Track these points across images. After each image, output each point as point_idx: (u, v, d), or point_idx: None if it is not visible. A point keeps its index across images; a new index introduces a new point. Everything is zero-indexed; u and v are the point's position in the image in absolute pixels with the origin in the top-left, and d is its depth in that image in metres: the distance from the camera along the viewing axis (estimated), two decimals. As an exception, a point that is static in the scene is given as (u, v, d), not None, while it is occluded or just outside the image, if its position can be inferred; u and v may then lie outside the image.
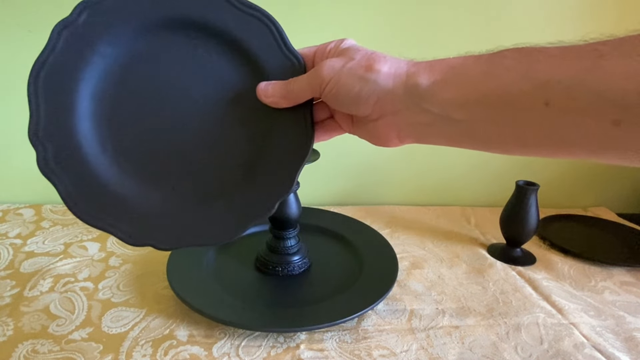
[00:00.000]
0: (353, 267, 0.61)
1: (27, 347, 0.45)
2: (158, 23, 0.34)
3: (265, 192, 0.35)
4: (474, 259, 0.69)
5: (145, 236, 0.33)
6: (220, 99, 0.35)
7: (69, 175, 0.33)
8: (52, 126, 0.33)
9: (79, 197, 0.33)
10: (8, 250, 0.63)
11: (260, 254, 0.61)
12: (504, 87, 0.26)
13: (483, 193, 0.91)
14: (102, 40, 0.33)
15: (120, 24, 0.33)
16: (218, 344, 0.47)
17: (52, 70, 0.32)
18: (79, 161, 0.33)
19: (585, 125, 0.24)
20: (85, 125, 0.33)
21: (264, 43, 0.35)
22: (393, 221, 0.81)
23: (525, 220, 0.66)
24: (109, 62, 0.34)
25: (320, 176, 0.84)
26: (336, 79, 0.31)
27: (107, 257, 0.63)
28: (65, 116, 0.33)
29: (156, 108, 0.35)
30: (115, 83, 0.34)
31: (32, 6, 0.69)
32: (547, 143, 0.26)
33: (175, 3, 0.34)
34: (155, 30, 0.34)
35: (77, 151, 0.33)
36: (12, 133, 0.76)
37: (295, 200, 0.58)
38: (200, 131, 0.35)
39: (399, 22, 0.77)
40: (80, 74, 0.33)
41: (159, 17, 0.34)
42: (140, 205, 0.34)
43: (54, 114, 0.32)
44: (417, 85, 0.29)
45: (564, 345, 0.49)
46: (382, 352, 0.47)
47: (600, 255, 0.70)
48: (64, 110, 0.33)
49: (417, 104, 0.29)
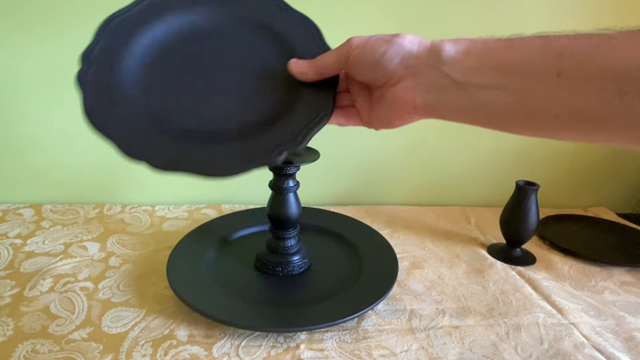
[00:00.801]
0: (353, 267, 0.61)
1: (27, 347, 0.45)
2: (220, 14, 0.42)
3: (277, 140, 0.35)
4: (474, 259, 0.69)
5: (144, 153, 0.34)
6: (258, 74, 0.40)
7: (98, 91, 0.36)
8: (102, 54, 0.38)
9: (99, 109, 0.36)
10: (8, 250, 0.63)
11: (260, 254, 0.61)
12: (521, 57, 0.28)
13: (483, 193, 0.91)
14: (171, 13, 0.41)
15: (189, 6, 0.41)
16: (218, 344, 0.47)
17: (122, 22, 0.39)
18: (112, 83, 0.37)
19: (591, 96, 0.25)
20: (130, 62, 0.38)
21: (304, 39, 0.41)
22: (393, 221, 0.81)
23: (525, 220, 0.66)
24: (169, 30, 0.40)
25: (320, 176, 0.84)
26: (362, 45, 0.34)
27: (107, 257, 0.63)
28: (117, 52, 0.38)
29: (198, 69, 0.40)
30: (168, 44, 0.40)
31: (32, 6, 0.69)
32: (554, 115, 0.27)
33: (239, 5, 0.42)
34: (216, 19, 0.42)
35: (114, 76, 0.37)
36: (12, 133, 0.76)
37: (295, 200, 0.58)
38: (232, 91, 0.39)
39: (401, 19, 0.77)
40: (143, 31, 0.40)
41: (222, 11, 0.42)
42: (152, 131, 0.36)
43: (109, 49, 0.38)
44: (440, 50, 0.31)
45: (564, 345, 0.49)
46: (382, 352, 0.47)
47: (600, 255, 0.70)
48: (118, 48, 0.38)
49: (437, 67, 0.30)
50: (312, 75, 0.37)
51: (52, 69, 0.72)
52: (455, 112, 0.31)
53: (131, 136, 0.34)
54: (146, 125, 0.36)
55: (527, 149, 0.89)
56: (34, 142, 0.77)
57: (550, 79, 0.26)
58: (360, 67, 0.34)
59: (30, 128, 0.76)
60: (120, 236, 0.69)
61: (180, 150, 0.35)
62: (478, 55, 0.29)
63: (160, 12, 0.41)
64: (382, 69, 0.33)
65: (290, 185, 0.56)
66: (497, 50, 0.29)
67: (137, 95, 0.37)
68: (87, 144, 0.78)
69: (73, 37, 0.71)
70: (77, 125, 0.76)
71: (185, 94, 0.38)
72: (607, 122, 0.25)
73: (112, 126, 0.35)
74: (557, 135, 0.29)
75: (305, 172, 0.58)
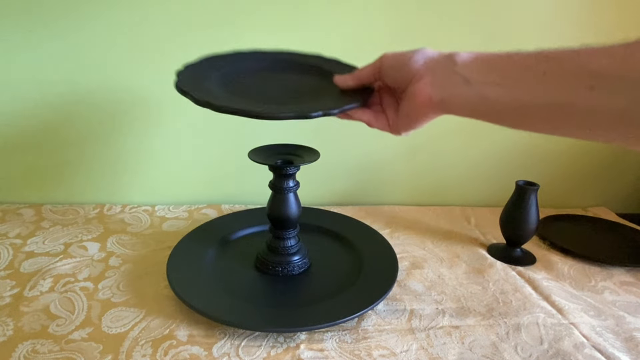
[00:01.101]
0: (353, 267, 0.61)
1: (27, 347, 0.45)
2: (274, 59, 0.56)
3: (318, 107, 0.44)
4: (474, 259, 0.69)
5: (208, 95, 0.44)
6: (309, 87, 0.51)
7: (192, 79, 0.48)
8: (190, 78, 0.48)
9: (187, 85, 0.46)
10: (8, 250, 0.63)
11: (260, 254, 0.61)
12: (516, 62, 0.35)
13: (483, 193, 0.91)
14: (230, 63, 0.54)
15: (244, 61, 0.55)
16: (218, 344, 0.47)
17: (193, 69, 0.51)
18: (201, 78, 0.49)
19: (568, 90, 0.31)
20: (213, 76, 0.50)
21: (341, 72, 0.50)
22: (393, 221, 0.81)
23: (525, 220, 0.66)
24: (244, 67, 0.54)
25: (320, 176, 0.84)
26: (393, 55, 0.43)
27: (107, 257, 0.63)
28: (200, 77, 0.49)
29: (262, 85, 0.51)
30: (242, 71, 0.53)
31: (32, 6, 0.69)
32: (539, 105, 0.34)
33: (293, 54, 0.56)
34: (271, 66, 0.55)
35: (201, 82, 0.48)
36: (12, 133, 0.76)
37: (295, 200, 0.58)
38: (289, 96, 0.49)
39: (399, 22, 0.77)
40: (226, 66, 0.53)
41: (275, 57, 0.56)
42: (225, 93, 0.47)
43: (194, 76, 0.49)
44: (454, 56, 0.39)
45: (564, 345, 0.49)
46: (382, 352, 0.47)
47: (600, 255, 0.70)
48: (200, 77, 0.49)
49: (451, 68, 0.38)
50: (352, 82, 0.47)
51: (52, 68, 0.72)
52: (463, 104, 0.38)
53: (208, 95, 0.45)
54: (222, 94, 0.47)
55: (527, 149, 0.89)
56: (34, 142, 0.77)
57: (538, 77, 0.33)
58: (391, 70, 0.43)
59: (31, 128, 0.76)
60: (120, 236, 0.69)
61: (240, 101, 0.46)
62: (484, 60, 0.37)
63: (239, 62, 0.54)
64: (409, 69, 0.41)
65: (290, 185, 0.56)
66: (498, 57, 0.36)
67: (216, 88, 0.48)
68: (88, 144, 0.78)
69: (73, 37, 0.71)
70: (77, 124, 0.77)
71: (252, 93, 0.49)
72: (580, 112, 0.31)
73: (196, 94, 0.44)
74: (542, 125, 0.35)
75: (305, 172, 0.58)
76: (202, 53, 0.53)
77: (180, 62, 0.51)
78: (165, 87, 0.75)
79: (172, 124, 0.79)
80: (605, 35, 0.82)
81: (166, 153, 0.81)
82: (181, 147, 0.80)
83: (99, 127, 0.77)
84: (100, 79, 0.74)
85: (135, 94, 0.76)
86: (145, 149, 0.80)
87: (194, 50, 0.51)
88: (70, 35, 0.71)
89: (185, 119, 0.78)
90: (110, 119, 0.77)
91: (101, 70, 0.73)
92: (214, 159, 0.82)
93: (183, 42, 0.73)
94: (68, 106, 0.75)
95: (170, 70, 0.49)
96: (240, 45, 0.57)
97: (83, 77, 0.74)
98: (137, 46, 0.73)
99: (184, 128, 0.79)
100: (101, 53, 0.72)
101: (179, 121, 0.78)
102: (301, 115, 0.42)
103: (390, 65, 0.43)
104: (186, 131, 0.79)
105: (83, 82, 0.74)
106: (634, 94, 0.28)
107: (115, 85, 0.75)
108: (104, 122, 0.77)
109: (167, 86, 0.75)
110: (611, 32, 0.82)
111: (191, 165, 0.82)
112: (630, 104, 0.28)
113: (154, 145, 0.80)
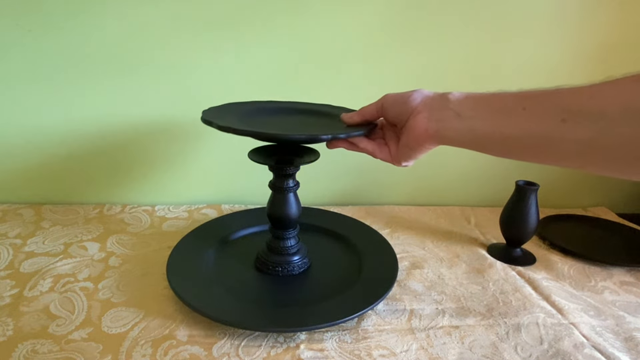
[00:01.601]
0: (353, 267, 0.61)
1: (27, 347, 0.45)
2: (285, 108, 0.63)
3: (325, 132, 0.49)
4: (474, 259, 0.69)
5: (229, 123, 0.49)
6: (314, 126, 0.56)
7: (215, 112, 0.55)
8: (213, 113, 0.54)
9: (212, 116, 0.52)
10: (8, 250, 0.63)
11: (260, 254, 0.61)
12: (500, 100, 0.41)
13: (483, 193, 0.91)
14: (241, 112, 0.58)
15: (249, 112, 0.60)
16: (218, 344, 0.47)
17: (216, 109, 0.57)
18: (223, 113, 0.55)
19: (544, 123, 0.37)
20: (233, 118, 0.54)
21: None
22: (393, 221, 0.81)
23: (525, 220, 0.66)
24: (249, 111, 0.59)
25: (320, 176, 0.84)
26: (394, 95, 0.49)
27: (107, 257, 0.63)
28: (221, 114, 0.55)
29: (276, 119, 0.58)
30: (252, 114, 0.58)
31: (32, 6, 0.69)
32: (518, 138, 0.39)
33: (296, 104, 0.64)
34: (285, 111, 0.62)
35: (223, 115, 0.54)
36: (12, 133, 0.76)
37: (295, 200, 0.58)
38: (295, 128, 0.55)
39: (395, 24, 0.77)
40: (234, 111, 0.58)
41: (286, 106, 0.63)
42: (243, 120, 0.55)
43: (216, 112, 0.55)
44: (448, 95, 0.44)
45: (564, 345, 0.49)
46: (382, 352, 0.47)
47: (600, 255, 0.70)
48: (222, 114, 0.55)
49: (445, 105, 0.44)
50: (357, 118, 0.52)
51: (52, 68, 0.72)
52: (455, 136, 0.43)
53: (229, 123, 0.49)
54: (242, 125, 0.51)
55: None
56: (34, 142, 0.77)
57: (518, 112, 0.38)
58: (392, 107, 0.48)
59: (31, 128, 0.76)
60: (120, 236, 0.69)
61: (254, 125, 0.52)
62: (473, 99, 0.43)
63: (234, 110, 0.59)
64: (407, 107, 0.46)
65: (290, 185, 0.56)
66: (485, 96, 0.42)
67: (236, 121, 0.53)
68: (88, 144, 0.78)
69: (71, 37, 0.71)
70: (76, 125, 0.77)
71: (268, 125, 0.55)
72: (554, 142, 0.36)
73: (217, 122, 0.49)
74: (522, 155, 0.40)
75: (305, 172, 0.58)
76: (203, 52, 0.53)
77: (180, 63, 0.50)
78: (165, 87, 0.75)
79: (171, 124, 0.79)
80: (605, 35, 0.82)
81: (166, 153, 0.81)
82: (181, 147, 0.80)
83: (99, 126, 0.77)
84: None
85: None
86: (145, 149, 0.80)
87: (194, 49, 0.51)
88: (68, 34, 0.71)
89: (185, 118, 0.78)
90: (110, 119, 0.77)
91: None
92: (214, 158, 0.82)
93: (183, 42, 0.73)
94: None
95: (170, 69, 0.49)
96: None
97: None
98: (137, 46, 0.73)
99: (183, 128, 0.79)
100: (101, 53, 0.72)
101: (178, 121, 0.78)
102: (312, 138, 0.48)
103: (391, 104, 0.48)
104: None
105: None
106: (599, 125, 0.33)
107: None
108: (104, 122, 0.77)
109: (167, 86, 0.75)
110: (611, 32, 0.82)
111: (191, 165, 0.82)
112: (596, 134, 0.33)
113: (153, 145, 0.80)
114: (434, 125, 0.44)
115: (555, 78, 0.82)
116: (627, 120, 0.32)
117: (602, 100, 0.33)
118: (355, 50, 0.77)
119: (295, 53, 0.76)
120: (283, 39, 0.75)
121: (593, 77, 0.34)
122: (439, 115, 0.44)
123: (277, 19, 0.74)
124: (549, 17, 0.80)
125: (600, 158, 0.34)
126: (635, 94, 0.32)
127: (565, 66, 0.83)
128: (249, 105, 0.61)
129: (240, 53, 0.75)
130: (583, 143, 0.34)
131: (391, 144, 0.51)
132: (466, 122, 0.42)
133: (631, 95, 0.32)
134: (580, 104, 0.35)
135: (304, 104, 0.63)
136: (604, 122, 0.33)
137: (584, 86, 0.35)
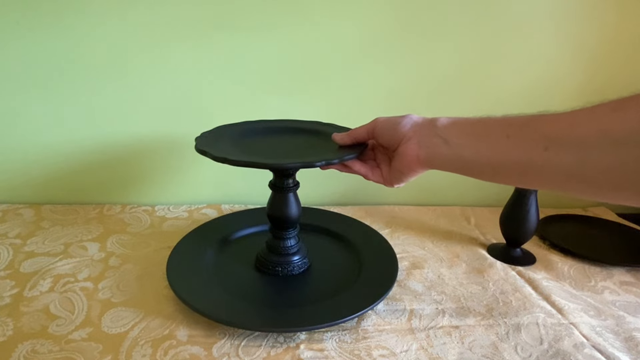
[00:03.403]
0: (353, 267, 0.61)
1: (27, 347, 0.45)
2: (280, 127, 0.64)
3: (319, 158, 0.50)
4: (474, 259, 0.69)
5: (224, 153, 0.50)
6: (304, 147, 0.57)
7: (208, 140, 0.55)
8: (206, 140, 0.55)
9: (205, 144, 0.53)
10: (8, 250, 0.63)
11: (260, 254, 0.61)
12: (485, 127, 0.42)
13: (483, 193, 0.91)
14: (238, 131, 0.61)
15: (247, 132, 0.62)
16: (218, 344, 0.47)
17: (209, 134, 0.58)
18: (217, 139, 0.56)
19: (527, 150, 0.37)
20: (226, 144, 0.55)
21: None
22: (393, 221, 0.81)
23: (525, 220, 0.66)
24: (241, 133, 0.60)
25: (320, 176, 0.84)
26: (385, 119, 0.50)
27: (107, 257, 0.63)
28: (215, 140, 0.56)
29: (268, 141, 0.60)
30: (244, 137, 0.59)
31: (32, 5, 0.69)
32: (503, 163, 0.40)
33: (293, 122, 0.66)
34: (275, 131, 0.63)
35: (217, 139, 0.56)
36: (12, 133, 0.76)
37: (295, 200, 0.58)
38: (288, 151, 0.56)
39: (393, 25, 0.77)
40: (227, 135, 0.59)
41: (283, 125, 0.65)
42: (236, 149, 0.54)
43: (210, 139, 0.56)
44: (436, 121, 0.46)
45: (563, 345, 0.49)
46: (382, 352, 0.47)
47: (600, 255, 0.70)
48: (215, 139, 0.56)
49: (434, 132, 0.45)
50: (348, 139, 0.53)
51: (52, 69, 0.72)
52: (444, 162, 0.45)
53: (224, 153, 0.50)
54: (236, 151, 0.53)
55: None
56: (34, 142, 0.77)
57: (502, 140, 0.40)
58: (383, 132, 0.49)
59: (31, 128, 0.76)
60: (120, 236, 0.69)
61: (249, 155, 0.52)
62: (460, 125, 0.44)
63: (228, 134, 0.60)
64: (398, 133, 0.47)
65: (290, 185, 0.56)
66: (472, 123, 0.43)
67: (230, 147, 0.54)
68: (88, 144, 0.78)
69: (71, 37, 0.71)
70: (76, 125, 0.77)
71: (260, 150, 0.56)
72: (537, 169, 0.37)
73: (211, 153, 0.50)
74: (508, 180, 0.41)
75: (305, 172, 0.58)
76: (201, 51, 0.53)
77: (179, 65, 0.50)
78: (165, 87, 0.75)
79: (171, 124, 0.79)
80: (606, 36, 0.82)
81: (166, 153, 0.81)
82: (181, 146, 0.80)
83: (99, 126, 0.77)
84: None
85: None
86: (145, 149, 0.80)
87: (194, 50, 0.51)
88: (67, 34, 0.71)
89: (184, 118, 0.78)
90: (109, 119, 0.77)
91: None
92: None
93: (182, 43, 0.73)
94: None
95: (168, 69, 0.49)
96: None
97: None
98: (136, 45, 0.73)
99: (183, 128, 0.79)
100: (99, 51, 0.72)
101: (178, 121, 0.78)
102: (306, 165, 0.49)
103: (382, 127, 0.49)
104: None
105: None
106: (580, 153, 0.34)
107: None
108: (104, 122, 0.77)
109: (168, 87, 0.75)
110: (612, 32, 0.82)
111: (191, 165, 0.82)
112: (576, 161, 0.34)
113: (153, 145, 0.80)
114: (424, 152, 0.45)
115: (554, 80, 0.83)
116: (604, 148, 0.32)
117: (580, 128, 0.34)
118: (352, 59, 0.77)
119: (289, 58, 0.77)
120: (276, 46, 0.76)
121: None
122: (428, 142, 0.45)
123: (269, 26, 0.74)
124: (550, 17, 0.80)
125: (582, 185, 0.35)
126: (611, 122, 0.32)
127: (565, 66, 0.83)
128: (240, 127, 0.62)
129: (235, 57, 0.75)
130: (565, 170, 0.35)
131: (383, 166, 0.52)
132: (454, 150, 0.43)
133: (608, 124, 0.32)
134: (560, 132, 0.35)
135: (293, 122, 0.66)
136: (584, 151, 0.33)
137: (565, 113, 0.36)
